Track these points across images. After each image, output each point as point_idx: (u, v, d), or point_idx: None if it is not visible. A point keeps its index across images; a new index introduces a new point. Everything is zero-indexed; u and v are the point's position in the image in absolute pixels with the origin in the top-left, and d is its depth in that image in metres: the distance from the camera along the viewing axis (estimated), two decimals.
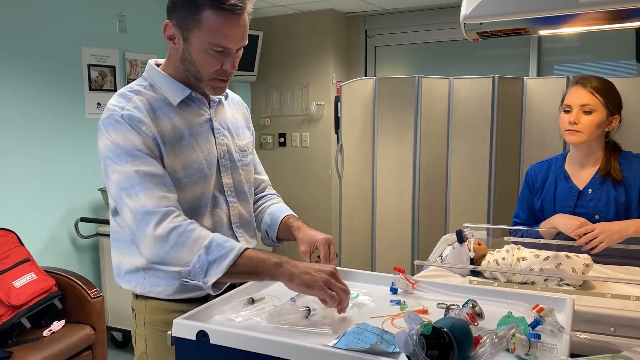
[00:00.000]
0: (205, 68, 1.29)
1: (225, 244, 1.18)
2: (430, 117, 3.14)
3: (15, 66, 2.99)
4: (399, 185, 3.21)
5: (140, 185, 1.22)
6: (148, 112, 1.28)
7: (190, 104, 1.37)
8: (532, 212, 2.00)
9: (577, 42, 3.92)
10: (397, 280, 1.31)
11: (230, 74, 1.33)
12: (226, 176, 1.41)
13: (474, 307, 1.08)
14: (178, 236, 1.19)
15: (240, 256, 1.17)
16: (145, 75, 1.38)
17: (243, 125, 1.52)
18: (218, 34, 1.25)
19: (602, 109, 1.79)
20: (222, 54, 1.28)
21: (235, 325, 1.12)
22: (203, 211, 1.35)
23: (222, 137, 1.41)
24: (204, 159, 1.35)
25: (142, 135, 1.25)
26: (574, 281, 1.51)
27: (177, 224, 1.20)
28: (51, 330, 2.60)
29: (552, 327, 1.04)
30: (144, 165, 1.23)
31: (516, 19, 1.45)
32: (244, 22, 1.27)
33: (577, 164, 1.91)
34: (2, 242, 2.68)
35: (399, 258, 3.24)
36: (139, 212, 1.21)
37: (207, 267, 1.17)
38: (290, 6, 4.15)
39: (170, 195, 1.24)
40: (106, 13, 3.45)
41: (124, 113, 1.26)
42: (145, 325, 1.38)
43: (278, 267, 1.16)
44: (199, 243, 1.18)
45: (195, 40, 1.27)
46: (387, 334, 1.03)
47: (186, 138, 1.32)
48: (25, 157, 3.06)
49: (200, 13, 1.23)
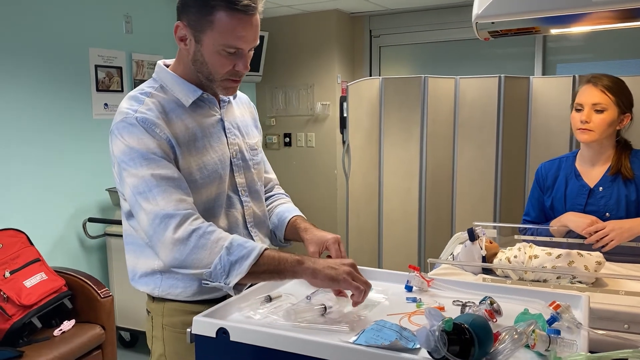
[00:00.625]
0: (217, 69, 1.29)
1: (246, 244, 1.19)
2: (436, 116, 3.15)
3: (23, 67, 3.00)
4: (405, 184, 3.22)
5: (157, 189, 1.21)
6: (161, 114, 1.28)
7: (202, 105, 1.36)
8: (543, 210, 2.01)
9: (581, 41, 3.92)
10: (412, 278, 1.32)
11: (242, 74, 1.33)
12: (239, 176, 1.41)
13: (492, 304, 1.09)
14: (198, 238, 1.18)
15: (262, 255, 1.17)
16: (155, 77, 1.37)
17: (251, 124, 1.53)
18: (231, 35, 1.24)
19: (614, 108, 1.80)
20: (235, 54, 1.27)
21: (254, 323, 1.13)
22: (218, 212, 1.35)
23: (234, 137, 1.41)
24: (218, 159, 1.35)
25: (156, 139, 1.24)
26: (586, 279, 1.52)
27: (197, 227, 1.20)
28: (61, 330, 2.61)
29: (570, 323, 1.05)
30: (159, 169, 1.22)
31: (528, 17, 1.46)
32: (256, 23, 1.27)
33: (588, 162, 1.91)
34: (12, 242, 2.70)
35: (405, 256, 3.25)
36: (158, 216, 1.20)
37: (230, 267, 1.17)
38: (296, 6, 4.16)
39: (188, 198, 1.24)
40: (113, 14, 3.47)
41: (138, 116, 1.25)
42: (164, 327, 1.37)
43: (300, 264, 1.17)
44: (220, 244, 1.19)
45: (208, 42, 1.26)
46: (405, 331, 1.04)
47: (199, 139, 1.32)
48: (33, 158, 3.07)
49: (213, 14, 1.23)
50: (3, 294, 2.49)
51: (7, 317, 2.46)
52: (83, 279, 2.79)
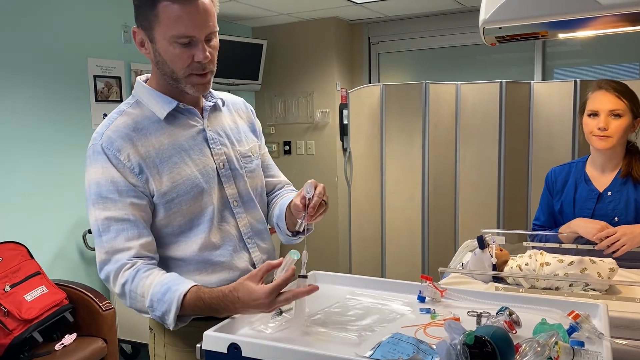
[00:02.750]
0: (176, 64, 1.23)
1: (165, 297, 1.16)
2: (438, 122, 3.14)
3: (22, 78, 2.98)
4: (408, 191, 3.20)
5: (105, 235, 1.22)
6: (131, 132, 1.25)
7: (179, 117, 1.31)
8: (552, 215, 2.00)
9: (578, 45, 3.93)
10: (425, 288, 1.29)
11: (207, 66, 1.25)
12: (229, 187, 1.34)
13: (511, 314, 1.06)
14: (130, 292, 1.20)
15: (183, 306, 1.16)
16: (133, 93, 1.34)
17: (246, 129, 1.46)
18: (177, 24, 1.19)
19: (629, 113, 1.79)
20: (190, 45, 1.21)
21: (267, 337, 1.10)
22: (208, 227, 1.30)
23: (219, 147, 1.34)
24: (199, 172, 1.29)
25: (119, 168, 1.22)
26: (600, 286, 1.49)
27: (125, 279, 1.20)
28: (63, 344, 2.57)
29: (590, 333, 1.02)
30: (112, 211, 1.21)
31: (536, 22, 1.44)
32: (204, 7, 1.20)
33: (599, 167, 1.90)
34: (12, 256, 2.66)
35: (409, 264, 3.23)
36: (100, 264, 1.23)
37: (161, 319, 1.19)
38: (294, 14, 4.16)
39: (132, 243, 1.21)
40: (111, 24, 3.45)
41: (103, 142, 1.23)
42: (166, 345, 1.34)
43: (220, 311, 1.15)
44: (145, 300, 1.19)
45: (159, 37, 1.22)
46: (423, 344, 1.02)
47: (175, 154, 1.27)
48: (32, 169, 3.04)
49: (156, 7, 1.19)
50: (3, 308, 2.45)
51: (8, 331, 2.43)
52: (84, 291, 2.75)
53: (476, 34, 3.69)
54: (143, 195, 1.24)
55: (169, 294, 1.16)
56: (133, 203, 1.22)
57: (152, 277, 1.19)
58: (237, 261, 1.34)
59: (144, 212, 1.24)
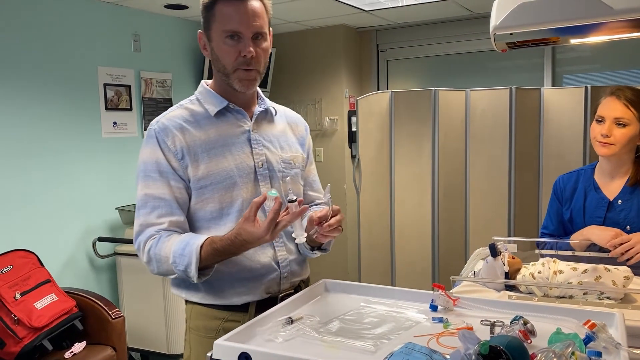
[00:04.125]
0: (226, 59, 1.37)
1: (185, 251, 1.29)
2: (447, 129, 3.12)
3: (33, 86, 3.00)
4: (417, 198, 3.18)
5: (143, 209, 1.37)
6: (182, 123, 1.40)
7: (228, 116, 1.45)
8: (561, 223, 1.97)
9: (587, 51, 3.91)
10: (437, 297, 1.28)
11: (251, 62, 1.37)
12: (264, 185, 1.44)
13: (526, 324, 1.05)
14: (155, 256, 1.34)
15: (201, 258, 1.29)
16: (195, 92, 1.50)
17: (294, 141, 1.56)
18: (228, 20, 1.34)
19: (636, 123, 1.75)
20: (237, 40, 1.35)
21: (277, 347, 1.09)
22: (236, 217, 1.39)
23: (261, 148, 1.45)
24: (236, 167, 1.41)
25: (164, 151, 1.37)
26: (615, 295, 1.47)
27: (150, 246, 1.34)
28: (72, 352, 2.57)
29: (607, 343, 1.00)
30: (152, 188, 1.37)
31: (548, 28, 1.43)
32: (252, 8, 1.35)
33: (607, 174, 1.87)
34: (23, 263, 2.67)
35: (419, 272, 3.20)
36: (135, 235, 1.38)
37: (185, 272, 1.30)
38: (302, 22, 4.17)
39: (164, 220, 1.35)
40: (121, 33, 3.48)
41: (157, 128, 1.39)
42: (190, 330, 1.46)
43: (233, 253, 1.30)
44: (168, 259, 1.32)
45: (214, 35, 1.37)
46: (436, 354, 1.00)
47: (218, 147, 1.40)
48: (43, 177, 3.06)
49: (214, 8, 1.35)
50: (14, 316, 2.45)
51: (18, 339, 2.43)
52: (94, 299, 2.76)
53: (485, 40, 3.67)
54: (180, 179, 1.38)
55: (188, 247, 1.29)
56: (171, 184, 1.37)
57: (173, 239, 1.33)
58: (260, 255, 1.42)
59: (180, 193, 1.38)
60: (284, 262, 1.45)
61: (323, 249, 1.51)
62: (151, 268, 1.37)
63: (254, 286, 1.41)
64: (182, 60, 3.90)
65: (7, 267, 2.60)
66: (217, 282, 1.39)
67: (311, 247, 1.48)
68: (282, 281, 1.46)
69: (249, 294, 1.41)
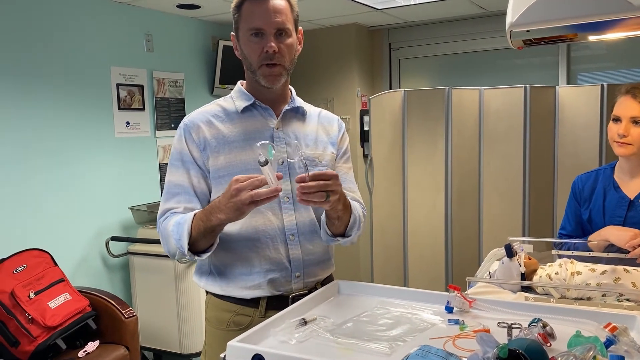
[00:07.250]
0: (252, 55, 1.41)
1: (180, 221, 1.36)
2: (461, 128, 3.09)
3: (46, 87, 3.02)
4: (430, 198, 3.16)
5: (165, 195, 1.46)
6: (210, 118, 1.46)
7: (254, 112, 1.48)
8: (580, 224, 1.94)
9: (603, 49, 3.85)
10: (453, 298, 1.26)
11: (275, 57, 1.39)
12: (284, 183, 1.43)
13: (545, 326, 1.03)
14: (163, 231, 1.41)
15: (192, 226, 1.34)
16: (232, 91, 1.56)
17: (325, 140, 1.54)
18: (252, 18, 1.39)
19: None
20: (260, 37, 1.39)
21: (291, 349, 1.08)
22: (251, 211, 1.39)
23: (283, 146, 1.47)
24: (254, 160, 1.39)
25: (188, 142, 1.44)
26: (635, 296, 1.44)
27: (161, 225, 1.43)
28: (86, 351, 2.58)
29: (629, 347, 0.98)
30: (175, 176, 1.45)
31: (566, 24, 1.40)
32: (274, 5, 1.39)
33: (627, 173, 1.84)
34: (37, 263, 2.69)
35: (432, 273, 3.17)
36: (157, 217, 1.47)
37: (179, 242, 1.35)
38: (314, 21, 4.16)
39: (181, 205, 1.42)
40: (134, 33, 3.49)
41: (187, 120, 1.47)
42: (207, 320, 1.52)
43: (212, 218, 1.30)
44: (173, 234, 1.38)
45: (242, 34, 1.42)
46: (452, 357, 0.98)
47: (240, 141, 1.44)
48: (56, 177, 3.08)
49: (241, 8, 1.41)
50: (28, 316, 2.47)
51: (32, 338, 2.45)
52: (107, 299, 2.76)
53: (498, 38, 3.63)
54: (200, 168, 1.44)
55: (182, 219, 1.37)
56: (191, 173, 1.44)
57: (177, 216, 1.40)
58: (271, 251, 1.42)
59: (199, 183, 1.44)
60: (296, 262, 1.44)
61: (347, 235, 1.47)
62: (164, 248, 1.45)
63: (262, 281, 1.41)
64: (195, 60, 3.90)
65: (22, 267, 2.62)
66: (228, 271, 1.44)
67: (333, 234, 1.46)
68: (293, 280, 1.44)
69: (257, 288, 1.41)
